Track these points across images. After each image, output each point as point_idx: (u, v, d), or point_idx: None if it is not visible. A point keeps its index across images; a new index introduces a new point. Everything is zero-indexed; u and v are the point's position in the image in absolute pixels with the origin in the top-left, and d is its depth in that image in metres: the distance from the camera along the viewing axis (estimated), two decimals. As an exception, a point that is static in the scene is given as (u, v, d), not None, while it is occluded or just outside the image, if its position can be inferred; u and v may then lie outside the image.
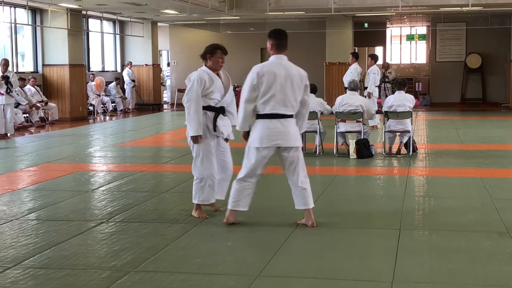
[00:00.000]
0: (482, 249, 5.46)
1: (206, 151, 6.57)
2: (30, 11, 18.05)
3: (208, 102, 6.50)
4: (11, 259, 5.29)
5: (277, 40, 6.17)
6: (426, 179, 8.98)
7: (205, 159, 6.57)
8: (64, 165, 10.49)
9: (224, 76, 6.70)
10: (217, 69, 6.60)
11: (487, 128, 15.84)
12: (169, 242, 5.74)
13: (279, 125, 6.00)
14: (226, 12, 19.01)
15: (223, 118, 6.59)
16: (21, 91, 16.80)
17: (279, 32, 6.22)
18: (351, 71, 15.68)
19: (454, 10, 20.02)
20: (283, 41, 6.21)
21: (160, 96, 24.45)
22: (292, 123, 6.07)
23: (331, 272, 4.93)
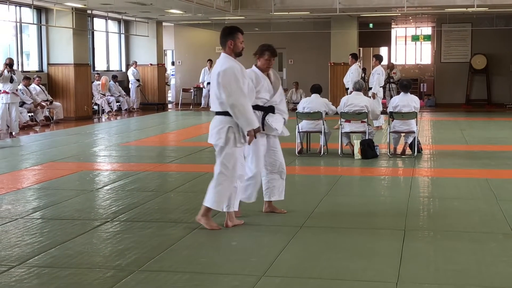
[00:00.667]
0: (488, 250, 5.44)
1: (255, 150, 6.44)
2: (35, 10, 18.08)
3: (256, 101, 6.41)
4: (15, 257, 5.29)
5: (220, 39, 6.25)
6: (431, 180, 8.96)
7: (255, 158, 6.47)
8: (68, 164, 10.50)
9: (274, 76, 6.64)
10: (265, 70, 6.56)
11: (492, 129, 15.80)
12: (174, 242, 5.73)
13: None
14: (231, 12, 19.00)
15: (272, 115, 6.50)
16: (26, 90, 16.82)
17: (221, 31, 6.27)
18: (352, 72, 15.68)
19: (460, 11, 19.98)
20: (220, 38, 6.23)
21: (164, 96, 24.46)
22: (215, 120, 6.12)
23: (336, 272, 4.92)
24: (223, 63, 6.06)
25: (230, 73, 5.97)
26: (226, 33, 6.18)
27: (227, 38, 6.15)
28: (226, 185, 6.10)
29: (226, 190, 6.11)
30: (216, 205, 6.14)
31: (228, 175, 6.09)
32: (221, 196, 6.11)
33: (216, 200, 6.12)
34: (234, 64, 6.06)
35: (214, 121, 6.14)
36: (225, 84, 5.95)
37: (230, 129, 6.04)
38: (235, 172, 6.12)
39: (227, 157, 6.08)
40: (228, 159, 6.08)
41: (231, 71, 5.98)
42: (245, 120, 5.97)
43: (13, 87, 14.50)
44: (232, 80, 5.95)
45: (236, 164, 6.13)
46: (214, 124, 6.13)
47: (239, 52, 6.19)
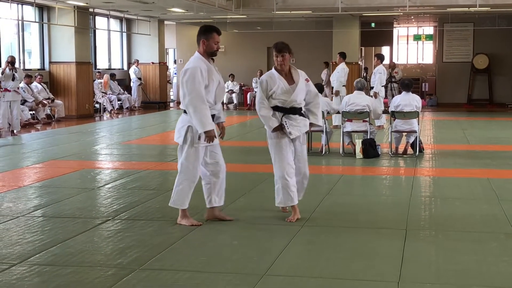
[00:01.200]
0: (489, 250, 5.43)
1: (277, 152, 6.39)
2: (37, 8, 18.09)
3: (274, 102, 6.35)
4: (17, 255, 5.29)
5: None
6: (432, 180, 8.96)
7: (277, 160, 6.41)
8: (70, 162, 10.50)
9: (295, 75, 6.45)
10: (281, 69, 6.40)
11: (494, 129, 15.79)
12: (175, 240, 5.73)
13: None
14: (233, 10, 19.00)
15: (292, 118, 6.37)
16: (27, 88, 16.83)
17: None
18: (338, 71, 15.67)
19: (462, 11, 19.96)
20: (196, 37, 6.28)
21: (166, 94, 24.46)
22: (180, 118, 6.25)
23: (337, 272, 4.92)
24: (189, 63, 6.11)
25: (190, 74, 5.98)
26: (201, 32, 6.20)
27: (200, 36, 6.18)
28: (186, 184, 6.19)
29: (186, 189, 6.20)
30: (177, 204, 6.25)
31: (188, 174, 6.17)
32: (182, 195, 6.21)
33: (176, 199, 6.24)
34: (199, 65, 6.03)
35: (179, 119, 6.27)
36: (183, 83, 6.02)
37: (190, 128, 6.10)
38: (196, 172, 6.18)
39: (186, 156, 6.15)
40: (187, 158, 6.15)
41: (191, 72, 5.99)
42: (197, 121, 5.97)
43: (14, 85, 14.51)
44: (191, 80, 5.97)
45: (196, 164, 6.16)
46: (178, 122, 6.26)
47: (212, 52, 6.16)
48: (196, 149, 6.13)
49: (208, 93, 6.05)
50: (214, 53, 6.18)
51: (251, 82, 23.51)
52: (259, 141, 13.75)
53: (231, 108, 22.89)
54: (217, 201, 6.38)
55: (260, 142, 13.44)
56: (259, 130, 16.26)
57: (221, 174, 6.35)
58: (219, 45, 6.23)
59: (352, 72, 22.14)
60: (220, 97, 6.25)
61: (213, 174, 6.33)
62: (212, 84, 6.08)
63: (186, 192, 6.21)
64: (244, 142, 13.28)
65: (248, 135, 14.95)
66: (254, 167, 9.88)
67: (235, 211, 6.90)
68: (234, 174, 9.50)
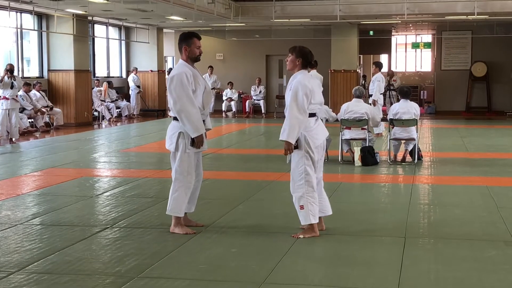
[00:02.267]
0: (488, 258, 5.43)
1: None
2: (36, 16, 18.10)
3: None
4: (15, 263, 5.27)
5: None
6: (431, 187, 8.95)
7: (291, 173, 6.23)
8: (68, 170, 10.49)
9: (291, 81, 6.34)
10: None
11: (492, 136, 15.80)
12: (174, 248, 5.72)
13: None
14: (231, 19, 19.02)
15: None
16: (26, 96, 16.83)
17: None
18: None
19: (460, 19, 20.00)
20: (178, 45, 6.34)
21: (165, 102, 24.46)
22: (170, 125, 6.31)
23: (336, 280, 4.91)
24: (174, 69, 6.18)
25: (177, 80, 6.04)
26: (181, 39, 6.26)
27: (181, 44, 6.23)
28: (181, 191, 6.20)
29: (182, 196, 6.20)
30: (174, 212, 6.24)
31: (182, 181, 6.19)
32: (178, 202, 6.21)
33: (174, 207, 6.23)
34: (184, 70, 6.09)
35: (169, 126, 6.32)
36: (171, 90, 6.07)
37: (181, 134, 6.15)
38: (191, 178, 6.20)
39: (179, 163, 6.18)
40: (180, 165, 6.18)
41: (178, 78, 6.04)
42: (190, 126, 6.05)
43: (13, 93, 14.51)
44: (178, 86, 6.03)
45: (190, 170, 6.18)
46: (168, 130, 6.30)
47: (195, 57, 6.23)
48: (189, 155, 6.16)
49: (195, 98, 6.10)
50: (198, 58, 6.25)
51: (250, 90, 23.53)
52: (258, 148, 13.76)
53: (230, 115, 22.90)
54: (189, 208, 6.44)
55: (259, 150, 13.45)
56: (257, 138, 16.27)
57: (199, 182, 6.44)
58: (201, 49, 6.29)
59: (351, 80, 22.21)
60: (207, 102, 6.27)
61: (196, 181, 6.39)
62: (199, 88, 6.14)
63: (182, 199, 6.22)
64: (243, 150, 13.27)
65: (247, 143, 14.94)
66: (253, 174, 9.88)
67: (234, 219, 6.89)
68: (233, 182, 9.50)
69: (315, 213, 6.05)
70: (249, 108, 23.09)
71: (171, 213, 6.25)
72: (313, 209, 6.03)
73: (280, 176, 9.72)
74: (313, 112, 6.14)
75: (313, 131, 6.10)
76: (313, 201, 6.03)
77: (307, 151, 6.02)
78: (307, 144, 6.02)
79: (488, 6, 17.59)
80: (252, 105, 23.23)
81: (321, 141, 6.17)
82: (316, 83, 6.22)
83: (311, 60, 6.20)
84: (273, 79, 25.22)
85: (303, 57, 6.16)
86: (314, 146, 6.05)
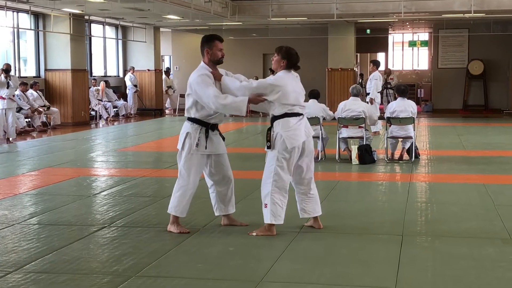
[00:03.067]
0: (486, 256, 5.43)
1: None
2: (32, 16, 18.07)
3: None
4: (12, 263, 5.27)
5: None
6: (428, 185, 8.96)
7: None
8: (66, 170, 10.48)
9: None
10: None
11: (489, 134, 15.82)
12: (171, 247, 5.72)
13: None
14: (228, 17, 19.02)
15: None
16: (23, 96, 16.81)
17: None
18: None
19: (457, 17, 20.02)
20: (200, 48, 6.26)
21: (162, 101, 24.45)
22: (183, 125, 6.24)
23: (334, 278, 4.91)
24: (195, 72, 6.14)
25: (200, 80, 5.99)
26: (203, 42, 6.20)
27: (203, 46, 6.17)
28: (182, 191, 6.19)
29: (182, 196, 6.18)
30: (177, 212, 6.22)
31: (183, 181, 6.17)
32: (178, 202, 6.20)
33: (175, 206, 6.22)
34: (205, 72, 6.06)
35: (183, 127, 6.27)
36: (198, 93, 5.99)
37: (188, 135, 6.12)
38: (193, 179, 6.17)
39: (183, 163, 6.16)
40: (184, 165, 6.16)
41: (201, 79, 6.00)
42: (235, 110, 6.05)
43: (9, 92, 14.48)
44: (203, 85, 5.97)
45: (192, 171, 6.15)
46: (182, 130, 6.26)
47: (217, 60, 6.16)
48: (193, 156, 6.13)
49: None
50: (220, 60, 6.18)
51: (247, 89, 23.47)
52: (255, 147, 13.75)
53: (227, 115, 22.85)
54: (224, 210, 6.41)
55: (256, 149, 13.44)
56: (255, 137, 16.27)
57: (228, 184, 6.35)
58: (223, 52, 6.21)
59: (348, 78, 22.22)
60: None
61: (217, 183, 6.34)
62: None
63: (182, 199, 6.19)
64: (241, 148, 13.27)
65: (245, 142, 14.94)
66: (251, 173, 9.87)
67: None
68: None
69: (277, 214, 6.00)
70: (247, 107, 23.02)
71: (171, 211, 6.24)
72: (275, 209, 5.99)
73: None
74: (294, 112, 6.07)
75: (291, 131, 5.98)
76: (277, 202, 5.99)
77: (281, 152, 5.97)
78: (281, 145, 5.97)
79: (484, 4, 17.60)
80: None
81: (299, 142, 6.02)
82: (299, 86, 6.20)
83: (296, 62, 6.19)
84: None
85: (288, 58, 6.14)
86: (290, 147, 5.96)
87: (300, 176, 6.22)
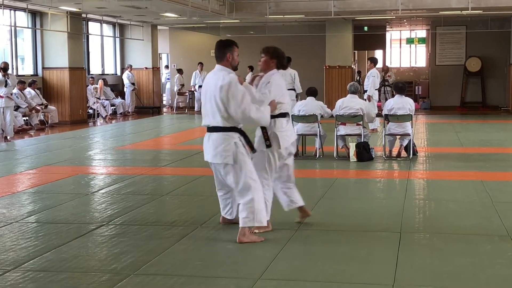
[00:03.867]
0: (484, 253, 5.44)
1: None
2: (30, 14, 18.05)
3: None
4: (10, 261, 5.27)
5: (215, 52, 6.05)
6: (426, 182, 8.97)
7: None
8: (64, 168, 10.47)
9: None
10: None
11: (487, 131, 15.83)
12: (169, 245, 5.72)
13: (206, 138, 5.92)
14: (226, 15, 19.00)
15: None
16: (21, 94, 16.79)
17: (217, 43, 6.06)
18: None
19: (454, 14, 20.02)
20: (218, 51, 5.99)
21: (160, 99, 24.43)
22: (218, 137, 5.78)
23: (332, 275, 4.92)
24: (223, 76, 5.78)
25: (236, 84, 5.73)
26: (225, 46, 5.96)
27: (226, 51, 5.92)
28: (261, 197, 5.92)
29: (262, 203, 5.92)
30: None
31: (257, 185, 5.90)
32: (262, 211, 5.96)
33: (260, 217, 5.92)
34: (233, 75, 5.84)
35: (214, 139, 5.80)
36: (236, 98, 5.68)
37: (235, 144, 5.84)
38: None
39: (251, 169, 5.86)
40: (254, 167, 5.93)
41: (235, 83, 5.73)
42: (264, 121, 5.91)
43: (7, 91, 14.46)
44: (240, 91, 5.71)
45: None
46: (215, 141, 5.79)
47: (236, 65, 6.01)
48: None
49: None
50: (237, 66, 6.04)
51: (244, 87, 23.51)
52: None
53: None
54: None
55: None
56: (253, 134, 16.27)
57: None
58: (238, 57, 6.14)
59: (345, 75, 22.22)
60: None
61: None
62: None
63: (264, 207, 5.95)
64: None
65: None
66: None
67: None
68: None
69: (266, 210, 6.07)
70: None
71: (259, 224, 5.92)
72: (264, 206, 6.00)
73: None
74: (286, 111, 6.18)
75: (284, 132, 6.13)
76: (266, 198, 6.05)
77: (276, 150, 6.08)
78: (276, 144, 6.05)
79: (482, 1, 17.61)
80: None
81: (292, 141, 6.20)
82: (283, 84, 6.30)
83: (285, 63, 6.28)
84: (268, 75, 25.22)
85: (278, 58, 6.21)
86: (284, 146, 6.08)
87: (287, 173, 6.32)
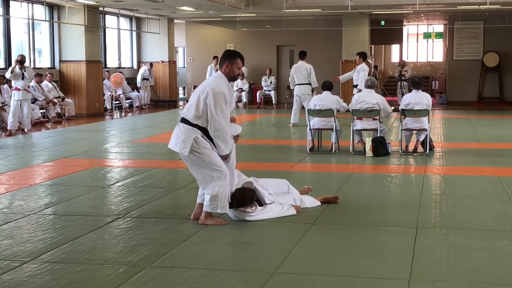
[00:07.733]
0: (501, 248, 5.41)
1: None
2: (47, 7, 18.15)
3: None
4: (28, 253, 5.31)
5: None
6: (443, 178, 8.93)
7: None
8: (80, 161, 10.53)
9: None
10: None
11: (504, 127, 15.73)
12: (186, 238, 5.74)
13: (176, 127, 6.29)
14: (242, 9, 19.00)
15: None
16: (38, 87, 16.89)
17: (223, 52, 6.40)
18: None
19: (472, 8, 19.88)
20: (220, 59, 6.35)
21: (175, 93, 24.49)
22: (183, 128, 6.17)
23: (348, 269, 4.91)
24: (214, 83, 6.13)
25: (220, 96, 6.02)
26: (226, 56, 6.28)
27: (225, 60, 6.24)
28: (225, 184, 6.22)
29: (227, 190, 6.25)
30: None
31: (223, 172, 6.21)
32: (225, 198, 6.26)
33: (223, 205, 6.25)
34: (224, 90, 6.08)
35: (180, 129, 6.21)
36: (212, 105, 6.00)
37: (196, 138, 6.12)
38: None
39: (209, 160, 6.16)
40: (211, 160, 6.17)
41: (221, 94, 6.03)
42: (224, 147, 6.11)
43: (24, 83, 14.55)
44: (222, 103, 6.01)
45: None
46: (179, 132, 6.21)
47: (233, 76, 6.27)
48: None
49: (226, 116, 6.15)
50: (236, 78, 6.37)
51: (260, 81, 23.53)
52: (269, 139, 13.78)
53: (241, 106, 22.89)
54: None
55: (270, 140, 13.47)
56: (269, 128, 16.28)
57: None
58: (241, 70, 6.38)
59: (362, 70, 22.10)
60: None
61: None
62: (230, 107, 6.20)
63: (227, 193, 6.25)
64: (254, 140, 13.28)
65: (258, 133, 14.94)
66: (264, 165, 9.88)
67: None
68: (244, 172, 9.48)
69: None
70: (260, 99, 23.08)
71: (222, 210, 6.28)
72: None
73: (291, 166, 9.74)
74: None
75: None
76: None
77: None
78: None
79: (500, -5, 17.49)
80: (262, 96, 23.21)
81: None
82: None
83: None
84: (284, 69, 25.13)
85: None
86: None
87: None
